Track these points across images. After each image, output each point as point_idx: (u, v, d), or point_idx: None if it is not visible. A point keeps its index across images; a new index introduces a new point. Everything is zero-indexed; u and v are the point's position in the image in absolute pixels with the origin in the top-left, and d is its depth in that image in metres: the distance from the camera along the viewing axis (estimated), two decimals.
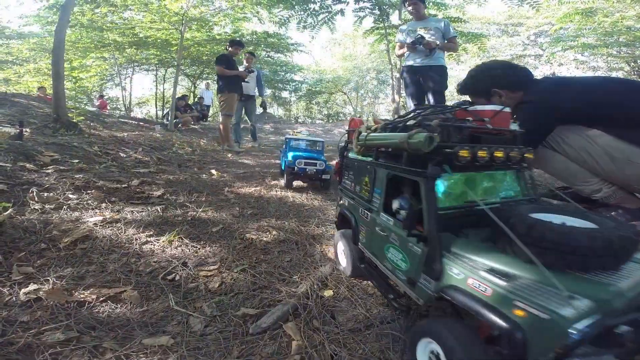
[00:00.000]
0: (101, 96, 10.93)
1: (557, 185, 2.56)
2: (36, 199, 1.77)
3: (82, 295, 1.08)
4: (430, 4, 6.72)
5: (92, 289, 1.12)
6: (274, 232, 1.75)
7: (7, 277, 1.13)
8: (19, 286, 1.09)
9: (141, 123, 7.59)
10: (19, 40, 8.13)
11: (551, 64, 13.54)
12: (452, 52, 5.89)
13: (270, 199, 2.42)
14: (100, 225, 1.60)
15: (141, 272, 1.27)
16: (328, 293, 1.24)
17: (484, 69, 1.86)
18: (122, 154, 3.31)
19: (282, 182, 3.08)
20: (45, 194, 1.85)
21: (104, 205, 1.90)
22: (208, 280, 1.25)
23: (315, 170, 2.80)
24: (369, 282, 1.35)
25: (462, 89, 1.96)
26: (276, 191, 2.66)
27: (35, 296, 1.04)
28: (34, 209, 1.67)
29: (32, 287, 1.08)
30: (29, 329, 0.93)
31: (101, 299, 1.08)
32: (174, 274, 1.27)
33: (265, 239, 1.67)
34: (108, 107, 10.96)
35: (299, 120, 16.58)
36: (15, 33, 8.09)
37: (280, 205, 2.29)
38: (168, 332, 0.98)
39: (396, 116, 1.56)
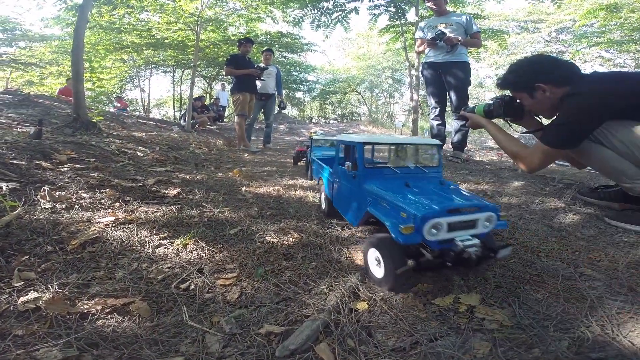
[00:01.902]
0: (119, 97, 11.15)
1: (603, 183, 2.34)
2: (47, 197, 1.69)
3: (85, 306, 0.96)
4: (448, 0, 6.48)
5: (97, 299, 0.99)
6: (296, 235, 1.60)
7: (7, 283, 1.02)
8: (17, 294, 0.98)
9: (159, 124, 7.65)
10: (41, 42, 8.37)
11: (574, 60, 13.00)
12: (475, 48, 5.63)
13: (289, 199, 2.28)
14: (111, 227, 1.49)
15: (152, 279, 1.14)
16: (362, 306, 1.07)
17: (526, 63, 1.77)
18: (139, 153, 3.25)
19: (303, 181, 2.86)
20: (57, 193, 1.77)
21: (117, 204, 1.81)
22: (226, 290, 1.10)
23: (480, 245, 1.08)
24: (408, 293, 1.18)
25: (503, 83, 1.86)
26: (295, 191, 2.52)
27: (34, 306, 0.92)
28: (44, 208, 1.58)
29: (31, 295, 0.96)
30: (23, 345, 0.82)
31: (107, 310, 0.96)
32: (188, 282, 1.13)
33: (286, 242, 1.52)
34: (129, 107, 11.21)
35: (313, 120, 16.48)
36: (38, 36, 8.33)
37: (301, 205, 2.14)
38: (181, 353, 0.84)
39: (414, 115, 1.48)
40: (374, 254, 1.20)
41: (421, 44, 4.10)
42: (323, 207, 1.98)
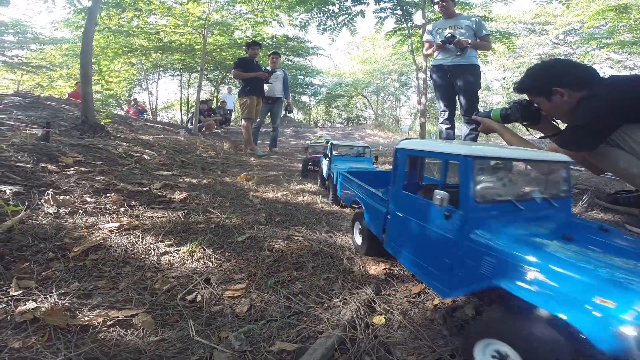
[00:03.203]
0: (134, 99, 11.28)
1: (620, 188, 2.25)
2: (51, 201, 1.65)
3: (86, 318, 0.91)
4: (456, 4, 6.40)
5: (98, 310, 0.94)
6: (306, 243, 1.54)
7: (4, 292, 0.97)
8: (15, 303, 0.93)
9: (166, 127, 7.68)
10: (52, 45, 8.46)
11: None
12: (485, 51, 5.56)
13: (298, 205, 2.22)
14: (116, 233, 1.45)
15: (157, 290, 1.08)
16: (378, 320, 1.01)
17: (544, 67, 1.73)
18: (146, 157, 3.23)
19: (310, 186, 2.75)
20: (62, 197, 1.73)
21: (122, 209, 1.76)
22: (235, 303, 1.04)
23: None
24: (428, 304, 1.10)
25: (520, 87, 1.82)
26: (303, 196, 2.46)
27: (33, 317, 0.87)
28: (48, 212, 1.54)
29: (30, 305, 0.91)
30: (20, 359, 0.76)
31: (109, 323, 0.90)
32: (195, 293, 1.08)
33: (296, 251, 1.46)
34: (146, 109, 11.37)
35: (319, 124, 16.45)
36: (48, 39, 8.43)
37: (310, 211, 2.09)
38: None
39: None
40: (492, 346, 0.73)
41: (429, 47, 4.05)
42: (358, 242, 1.48)
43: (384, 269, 1.33)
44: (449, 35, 3.61)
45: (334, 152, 2.52)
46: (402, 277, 1.30)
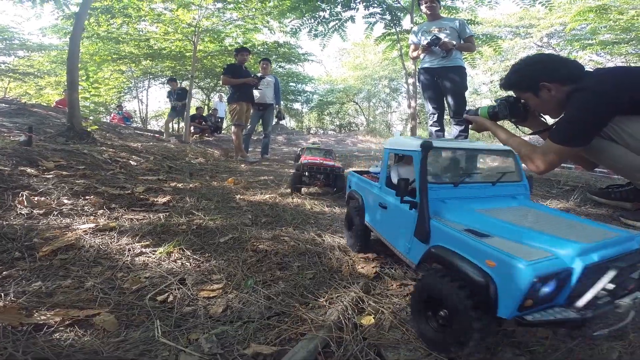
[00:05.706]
0: (119, 106, 11.11)
1: (611, 183, 2.25)
2: (25, 203, 1.57)
3: (42, 317, 0.83)
4: (441, 7, 6.51)
5: (57, 309, 0.87)
6: (292, 243, 1.48)
7: None
8: None
9: (157, 135, 7.57)
10: (40, 52, 8.32)
11: None
12: (469, 52, 5.64)
13: (285, 207, 2.16)
14: (90, 233, 1.37)
15: (126, 290, 1.01)
16: (367, 321, 0.94)
17: (530, 62, 1.70)
18: (132, 162, 3.15)
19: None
20: (37, 198, 1.65)
21: (100, 211, 1.68)
22: (209, 303, 0.97)
23: None
24: None
25: (506, 84, 1.79)
26: (292, 198, 2.40)
27: None
28: (20, 213, 1.46)
29: None
30: None
31: (67, 322, 0.83)
32: (167, 294, 1.00)
33: (281, 250, 1.39)
34: (133, 116, 11.19)
35: (311, 131, 16.46)
36: (36, 45, 8.29)
37: (297, 213, 2.02)
38: None
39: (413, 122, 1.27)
40: None
41: (415, 49, 4.07)
42: None
43: (373, 267, 1.27)
44: (434, 37, 3.64)
45: (429, 172, 1.00)
46: (394, 275, 1.24)
